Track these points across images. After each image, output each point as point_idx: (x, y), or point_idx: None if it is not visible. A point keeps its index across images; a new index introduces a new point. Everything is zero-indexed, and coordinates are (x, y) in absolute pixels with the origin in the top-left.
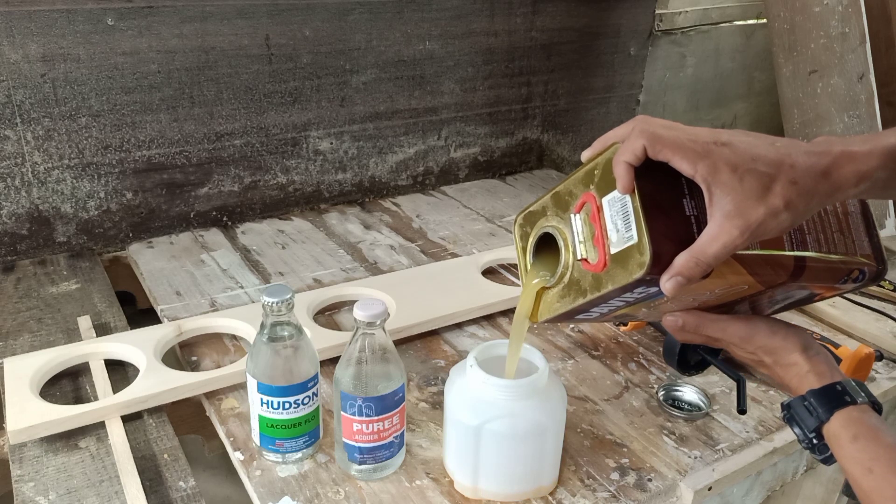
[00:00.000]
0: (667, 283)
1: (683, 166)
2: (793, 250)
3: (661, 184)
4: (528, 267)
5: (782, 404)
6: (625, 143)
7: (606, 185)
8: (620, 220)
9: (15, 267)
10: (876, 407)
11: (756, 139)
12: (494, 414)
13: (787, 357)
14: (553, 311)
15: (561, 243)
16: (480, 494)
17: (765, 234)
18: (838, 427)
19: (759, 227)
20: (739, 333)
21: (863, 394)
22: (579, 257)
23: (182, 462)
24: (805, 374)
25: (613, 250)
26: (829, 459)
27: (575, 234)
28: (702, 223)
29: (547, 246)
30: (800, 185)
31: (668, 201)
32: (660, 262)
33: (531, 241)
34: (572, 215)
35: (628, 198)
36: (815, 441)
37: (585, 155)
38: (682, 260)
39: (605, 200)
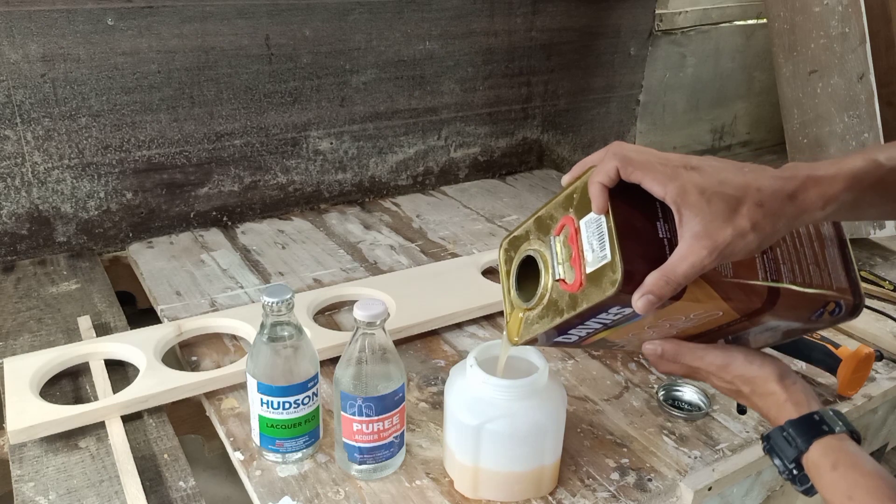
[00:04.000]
0: (638, 300)
1: (654, 188)
2: (767, 280)
3: (635, 207)
4: (511, 290)
5: (762, 436)
6: (599, 165)
7: (584, 208)
8: (596, 240)
9: (15, 267)
10: (854, 436)
11: (725, 164)
12: (494, 414)
13: (764, 386)
14: (532, 332)
15: (542, 266)
16: (480, 494)
17: (733, 255)
18: (818, 456)
19: (727, 247)
20: (716, 362)
21: (840, 422)
22: (557, 278)
23: (182, 462)
24: (783, 404)
25: (589, 269)
26: (810, 490)
27: (554, 256)
28: (674, 246)
29: (530, 270)
30: (766, 208)
31: (642, 224)
32: (632, 281)
33: (514, 264)
34: (552, 238)
35: (603, 218)
36: (795, 472)
37: (565, 180)
38: (652, 279)
39: (582, 222)
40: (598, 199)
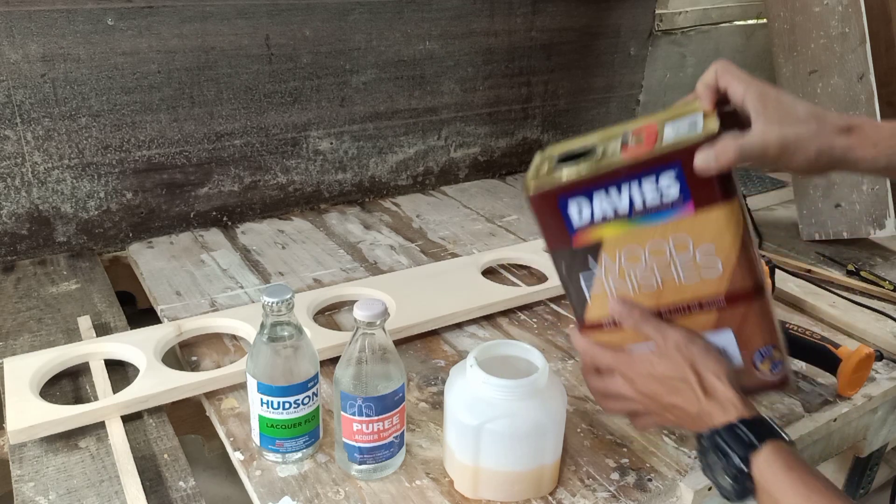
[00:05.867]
0: (704, 154)
1: (738, 88)
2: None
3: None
4: (551, 158)
5: (701, 435)
6: (703, 75)
7: (669, 116)
8: (686, 126)
9: (15, 267)
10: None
11: (797, 98)
12: (494, 414)
13: (715, 380)
14: (561, 176)
15: (599, 150)
16: (481, 494)
17: (794, 153)
18: (771, 455)
19: (792, 142)
20: (677, 336)
21: (786, 433)
22: (624, 142)
23: (182, 462)
24: (729, 401)
25: (667, 141)
26: (745, 492)
27: (624, 135)
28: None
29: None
30: (825, 126)
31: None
32: (713, 140)
33: (558, 152)
34: (627, 132)
35: (700, 115)
36: (740, 470)
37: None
38: (724, 144)
39: (667, 125)
40: (704, 96)
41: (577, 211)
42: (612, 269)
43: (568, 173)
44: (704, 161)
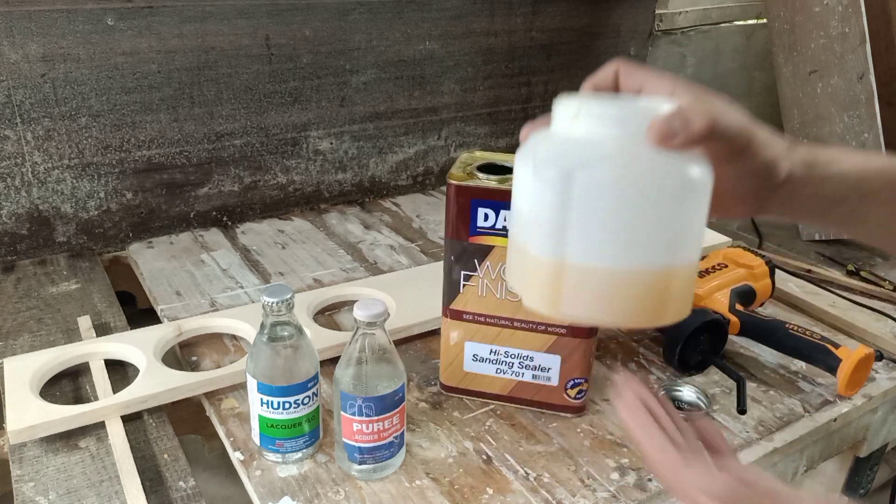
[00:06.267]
0: (670, 120)
1: (662, 84)
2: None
3: None
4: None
5: None
6: (597, 72)
7: None
8: None
9: (15, 267)
10: None
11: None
12: (597, 153)
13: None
14: (477, 183)
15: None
16: (565, 310)
17: (728, 124)
18: None
19: (723, 112)
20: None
21: None
22: None
23: (182, 462)
24: None
25: None
26: None
27: None
28: None
29: None
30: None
31: None
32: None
33: (482, 160)
34: None
35: None
36: None
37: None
38: (697, 108)
39: None
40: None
41: (484, 215)
42: (490, 273)
43: (486, 181)
44: (668, 128)
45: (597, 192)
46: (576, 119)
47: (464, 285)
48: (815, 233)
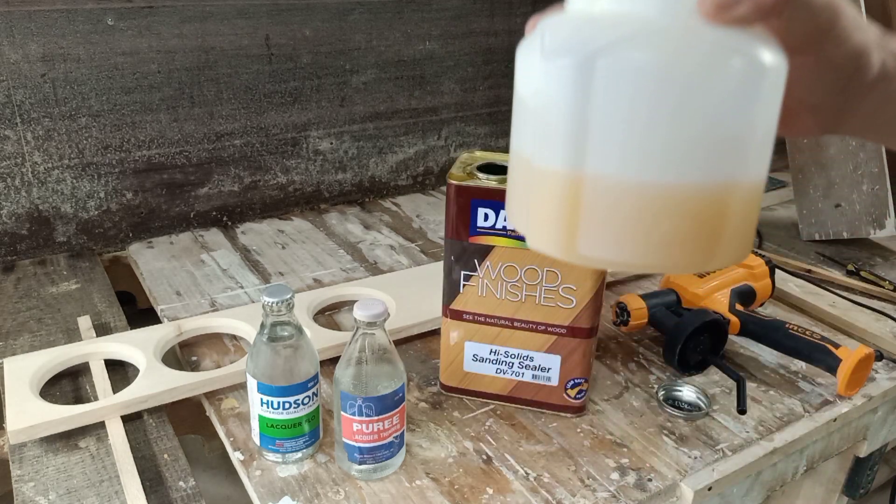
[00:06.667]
0: None
1: None
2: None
3: None
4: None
5: None
6: None
7: None
8: None
9: (15, 267)
10: None
11: None
12: (625, 32)
13: None
14: (477, 183)
15: None
16: (582, 249)
17: (856, 26)
18: None
19: (852, 16)
20: None
21: None
22: None
23: (182, 462)
24: None
25: None
26: None
27: None
28: None
29: None
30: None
31: None
32: None
33: (482, 160)
34: None
35: None
36: None
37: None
38: None
39: None
40: None
41: (484, 215)
42: (490, 274)
43: (486, 181)
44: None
45: (627, 82)
46: None
47: (464, 285)
48: (814, 233)
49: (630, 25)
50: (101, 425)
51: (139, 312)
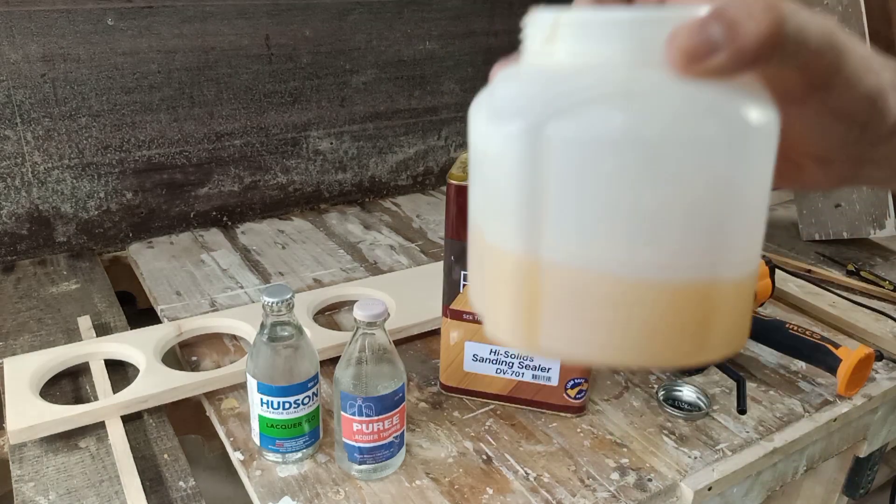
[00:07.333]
0: (736, 11)
1: None
2: None
3: None
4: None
5: None
6: None
7: None
8: None
9: (15, 267)
10: None
11: None
12: (583, 90)
13: None
14: None
15: None
16: (542, 342)
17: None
18: None
19: (865, 56)
20: None
21: None
22: None
23: (182, 462)
24: None
25: None
26: None
27: None
28: None
29: None
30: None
31: None
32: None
33: None
34: None
35: None
36: None
37: None
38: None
39: None
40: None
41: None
42: None
43: None
44: (702, 41)
45: (580, 154)
46: (552, 40)
47: (464, 285)
48: (814, 233)
49: (586, 81)
50: (101, 425)
51: (139, 312)
